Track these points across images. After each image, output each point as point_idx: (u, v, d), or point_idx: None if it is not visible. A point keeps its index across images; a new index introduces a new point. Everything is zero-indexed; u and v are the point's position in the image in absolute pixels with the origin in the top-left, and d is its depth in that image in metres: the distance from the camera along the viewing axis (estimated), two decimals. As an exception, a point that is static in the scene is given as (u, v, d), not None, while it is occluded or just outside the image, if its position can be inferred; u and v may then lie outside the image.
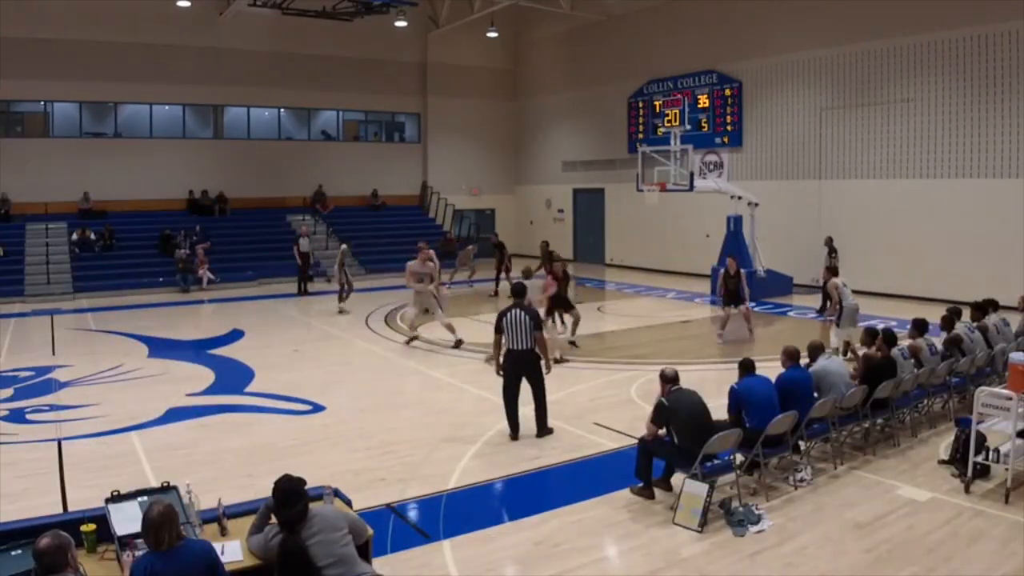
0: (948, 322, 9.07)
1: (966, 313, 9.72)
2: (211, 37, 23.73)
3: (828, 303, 15.67)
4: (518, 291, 8.31)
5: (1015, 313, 10.74)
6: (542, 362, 8.10)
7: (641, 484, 6.50)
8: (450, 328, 12.77)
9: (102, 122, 23.67)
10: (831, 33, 18.49)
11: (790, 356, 7.16)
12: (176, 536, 3.69)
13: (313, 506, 4.19)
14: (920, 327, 8.69)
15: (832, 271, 12.59)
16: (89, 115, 23.33)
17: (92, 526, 4.18)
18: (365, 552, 4.40)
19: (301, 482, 4.21)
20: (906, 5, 16.90)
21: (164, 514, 3.66)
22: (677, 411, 6.30)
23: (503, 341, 8.06)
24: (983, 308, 9.64)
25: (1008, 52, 15.48)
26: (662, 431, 6.48)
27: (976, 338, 8.96)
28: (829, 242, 15.92)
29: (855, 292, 16.27)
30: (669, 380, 6.50)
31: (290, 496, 4.10)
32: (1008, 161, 15.64)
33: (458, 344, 12.70)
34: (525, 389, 8.11)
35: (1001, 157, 15.75)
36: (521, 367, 8.02)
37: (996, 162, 15.84)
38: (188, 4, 21.41)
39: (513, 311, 8.00)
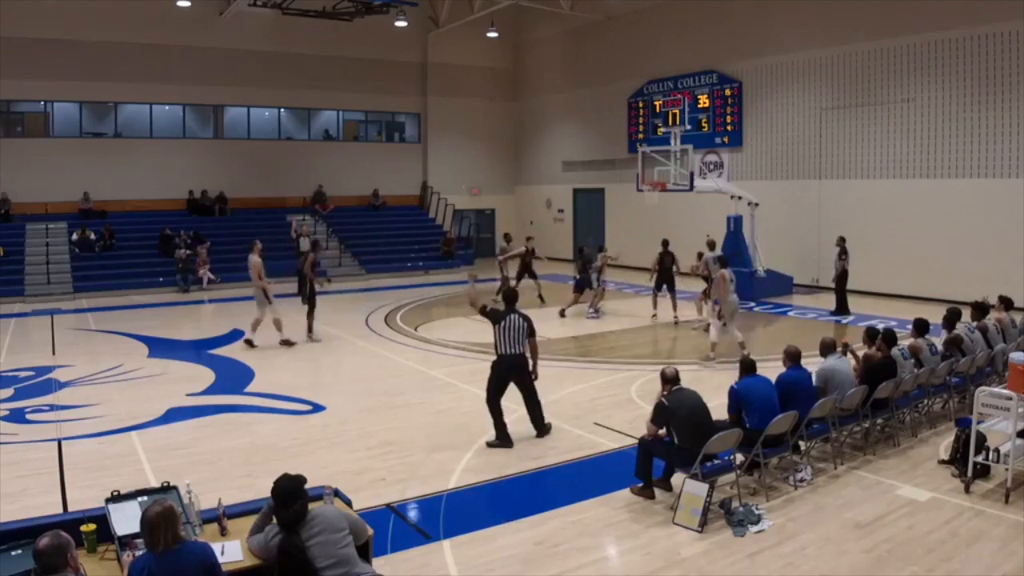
0: (949, 322, 9.06)
1: (966, 313, 9.71)
2: (211, 37, 23.74)
3: (841, 306, 15.71)
4: (511, 297, 8.22)
5: (1016, 314, 10.72)
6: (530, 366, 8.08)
7: (641, 484, 6.50)
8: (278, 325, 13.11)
9: (102, 122, 23.68)
10: (831, 33, 18.49)
11: (791, 356, 7.15)
12: (174, 538, 3.68)
13: (314, 507, 4.19)
14: (921, 327, 8.68)
15: (722, 262, 12.34)
16: (89, 115, 23.34)
17: (92, 526, 4.18)
18: (365, 552, 4.39)
19: (301, 480, 4.20)
20: (906, 5, 16.91)
21: (161, 515, 3.65)
22: (677, 411, 6.30)
23: (496, 343, 7.97)
24: (983, 308, 9.62)
25: (1008, 52, 15.49)
26: (662, 431, 6.48)
27: (976, 338, 8.95)
28: (841, 242, 15.82)
29: (857, 291, 16.38)
30: (669, 380, 6.50)
31: (289, 495, 4.10)
32: (1008, 161, 15.64)
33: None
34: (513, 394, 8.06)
35: (1001, 157, 15.75)
36: (512, 372, 7.98)
37: (996, 162, 15.84)
38: (188, 4, 21.42)
39: (511, 315, 7.97)
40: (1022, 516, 5.97)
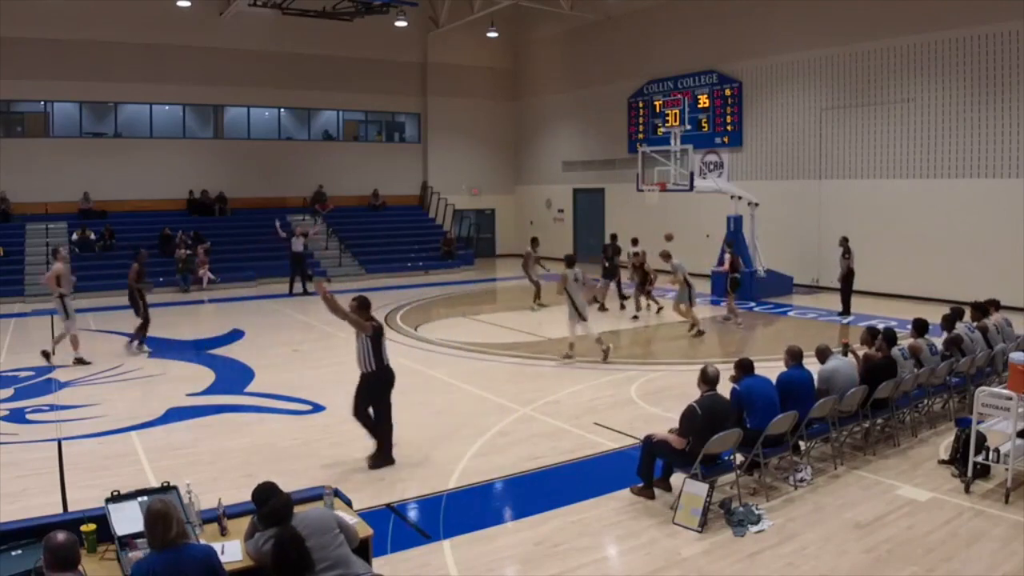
0: (949, 322, 9.06)
1: (966, 313, 9.72)
2: (211, 37, 23.73)
3: (844, 306, 15.66)
4: (368, 304, 7.41)
5: (1016, 314, 10.72)
6: None
7: (642, 484, 6.49)
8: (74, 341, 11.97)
9: (102, 122, 23.67)
10: (831, 33, 18.49)
11: (793, 356, 7.13)
12: (180, 535, 3.69)
13: (298, 511, 4.19)
14: (920, 327, 8.69)
15: (569, 262, 11.89)
16: (89, 115, 23.33)
17: (92, 526, 4.18)
18: (365, 552, 4.39)
19: (270, 483, 4.34)
20: (906, 5, 16.90)
21: (160, 511, 3.67)
22: (704, 420, 6.08)
23: (383, 354, 7.38)
24: (983, 308, 9.63)
25: (1008, 52, 15.48)
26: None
27: (976, 338, 8.95)
28: (844, 242, 15.79)
29: (857, 292, 16.34)
30: (709, 381, 6.28)
31: (262, 493, 4.21)
32: (1008, 161, 15.64)
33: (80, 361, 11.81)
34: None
35: (1001, 157, 15.75)
36: (391, 386, 7.48)
37: (996, 162, 15.84)
38: (188, 4, 21.41)
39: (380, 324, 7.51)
40: (1022, 516, 5.97)
